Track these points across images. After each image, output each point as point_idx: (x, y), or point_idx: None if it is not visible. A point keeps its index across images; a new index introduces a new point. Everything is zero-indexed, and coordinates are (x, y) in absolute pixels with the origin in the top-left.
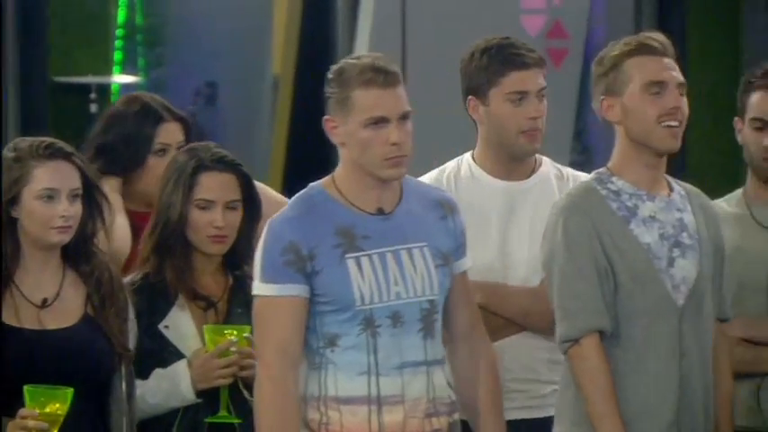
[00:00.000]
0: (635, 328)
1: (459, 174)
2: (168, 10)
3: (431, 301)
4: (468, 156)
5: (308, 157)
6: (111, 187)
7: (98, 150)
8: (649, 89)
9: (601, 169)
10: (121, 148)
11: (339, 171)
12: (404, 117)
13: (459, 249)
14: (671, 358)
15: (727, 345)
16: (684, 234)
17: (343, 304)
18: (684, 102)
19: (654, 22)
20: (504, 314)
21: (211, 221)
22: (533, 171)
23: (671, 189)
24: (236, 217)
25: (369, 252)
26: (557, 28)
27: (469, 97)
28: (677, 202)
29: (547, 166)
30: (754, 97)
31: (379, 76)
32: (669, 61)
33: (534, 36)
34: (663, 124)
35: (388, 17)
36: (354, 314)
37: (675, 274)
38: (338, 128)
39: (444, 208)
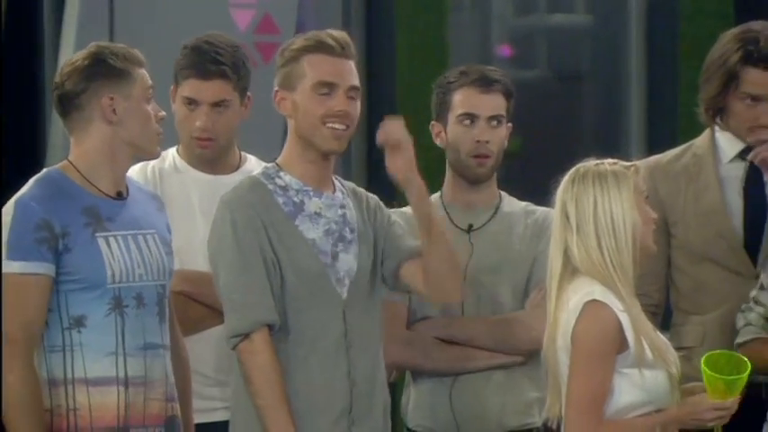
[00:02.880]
0: (302, 321)
1: (163, 166)
2: None
3: (163, 286)
4: (173, 150)
5: None
6: None
7: None
8: (319, 89)
9: (270, 164)
10: None
11: (76, 154)
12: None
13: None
14: (338, 350)
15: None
16: (347, 229)
17: (93, 282)
18: (355, 106)
19: (362, 17)
20: (207, 302)
21: None
22: (239, 166)
23: (335, 186)
24: None
25: (115, 233)
26: (266, 22)
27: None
28: (341, 199)
29: (252, 163)
30: (458, 96)
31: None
32: (346, 63)
33: (244, 31)
34: (327, 125)
35: (95, 12)
36: (104, 292)
37: (340, 268)
38: None
39: (158, 201)
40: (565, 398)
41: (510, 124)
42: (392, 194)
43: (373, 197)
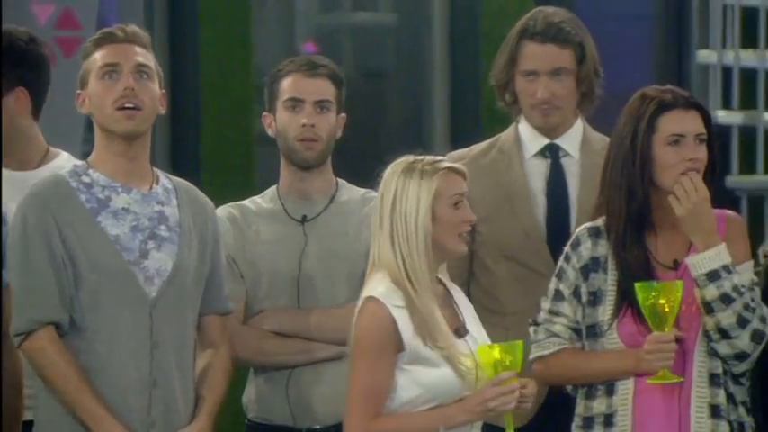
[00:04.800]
0: (103, 319)
1: None
2: None
3: None
4: None
5: None
6: None
7: None
8: (103, 74)
9: (80, 162)
10: None
11: None
12: None
13: None
14: (142, 349)
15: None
16: (163, 227)
17: None
18: (145, 85)
19: (165, 13)
20: None
21: None
22: (42, 162)
23: (156, 182)
24: None
25: None
26: (67, 17)
27: None
28: (159, 195)
29: (63, 159)
30: (285, 82)
31: None
32: (130, 46)
33: (44, 25)
34: (117, 108)
35: None
36: None
37: (149, 266)
38: None
39: None
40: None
41: (343, 115)
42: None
43: (211, 206)
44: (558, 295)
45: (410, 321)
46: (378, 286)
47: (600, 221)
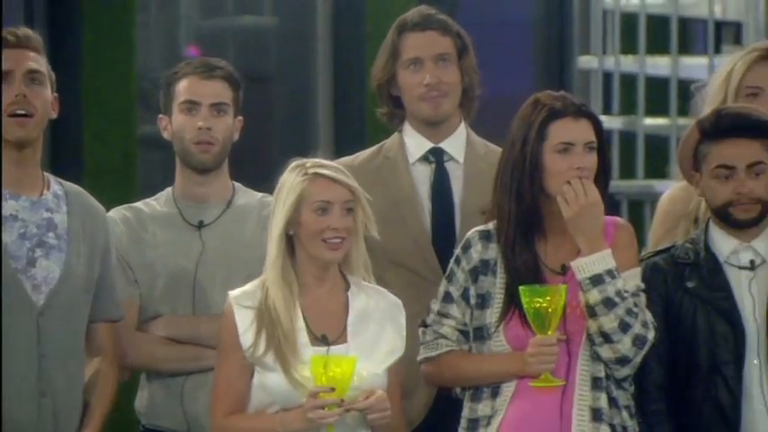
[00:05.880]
0: None
1: None
2: None
3: None
4: None
5: None
6: None
7: None
8: None
9: None
10: None
11: None
12: None
13: None
14: (28, 359)
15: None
16: (51, 234)
17: None
18: (36, 91)
19: (45, 15)
20: None
21: None
22: None
23: (48, 188)
24: None
25: None
26: None
27: None
28: (49, 202)
29: None
30: (181, 85)
31: None
32: (21, 52)
33: None
34: (9, 115)
35: None
36: None
37: (36, 274)
38: None
39: None
40: None
41: (240, 117)
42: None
43: (103, 212)
44: (448, 297)
45: (255, 323)
46: (246, 286)
47: (491, 225)
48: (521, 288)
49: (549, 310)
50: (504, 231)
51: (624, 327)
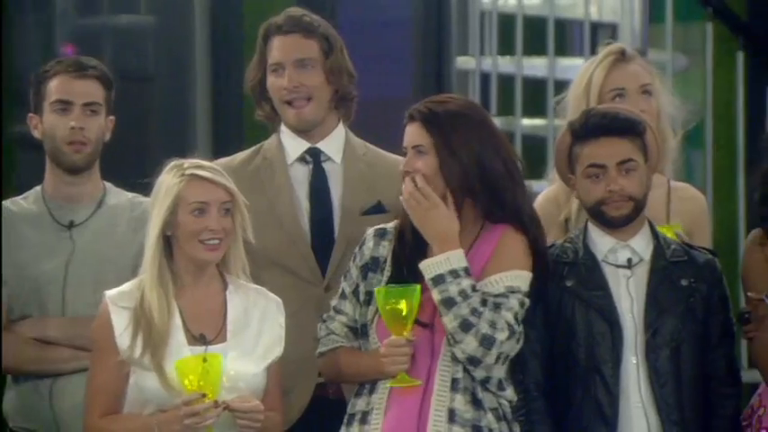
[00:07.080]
0: None
1: None
2: None
3: None
4: None
5: None
6: None
7: None
8: None
9: None
10: None
11: None
12: None
13: None
14: None
15: None
16: None
17: None
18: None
19: None
20: None
21: None
22: None
23: None
24: None
25: None
26: None
27: None
28: None
29: None
30: (53, 83)
31: None
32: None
33: None
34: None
35: None
36: None
37: None
38: None
39: None
40: None
41: (112, 117)
42: None
43: None
44: (342, 293)
45: (132, 324)
46: (124, 286)
47: (392, 223)
48: (376, 289)
49: (404, 311)
50: (404, 231)
51: (466, 326)
